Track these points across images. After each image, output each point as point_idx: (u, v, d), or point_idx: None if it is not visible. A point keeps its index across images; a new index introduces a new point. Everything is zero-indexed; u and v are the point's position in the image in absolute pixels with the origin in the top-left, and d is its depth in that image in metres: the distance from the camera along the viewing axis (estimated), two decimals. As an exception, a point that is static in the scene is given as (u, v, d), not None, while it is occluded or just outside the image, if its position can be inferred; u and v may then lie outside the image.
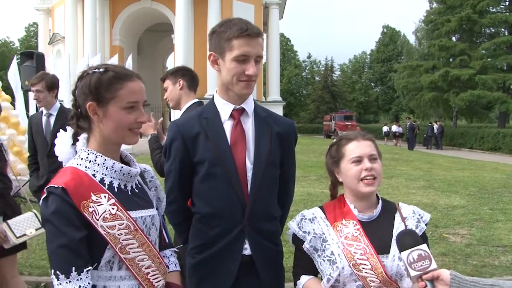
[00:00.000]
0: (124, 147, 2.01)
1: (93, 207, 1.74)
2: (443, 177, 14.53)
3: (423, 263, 1.78)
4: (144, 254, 1.84)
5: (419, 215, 2.27)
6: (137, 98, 1.83)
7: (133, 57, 20.44)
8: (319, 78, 73.91)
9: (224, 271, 2.33)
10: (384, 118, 72.11)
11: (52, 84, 4.82)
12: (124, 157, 2.00)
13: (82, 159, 1.84)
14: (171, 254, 2.15)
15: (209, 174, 2.32)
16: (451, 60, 39.29)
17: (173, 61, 33.46)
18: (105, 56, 26.96)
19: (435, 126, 34.72)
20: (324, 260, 2.16)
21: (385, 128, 41.14)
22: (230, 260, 2.33)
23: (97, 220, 1.73)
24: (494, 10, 38.06)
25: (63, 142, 1.92)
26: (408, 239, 1.86)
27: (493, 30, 39.26)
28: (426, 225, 2.24)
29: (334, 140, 2.39)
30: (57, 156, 1.94)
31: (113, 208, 1.77)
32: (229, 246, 2.32)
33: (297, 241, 2.29)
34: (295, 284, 2.30)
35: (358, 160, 2.20)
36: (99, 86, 1.80)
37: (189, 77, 4.01)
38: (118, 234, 1.76)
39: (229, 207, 2.31)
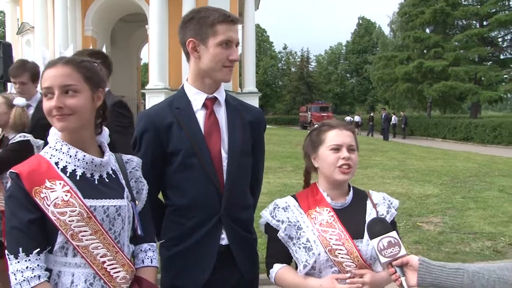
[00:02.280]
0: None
1: (45, 193, 1.77)
2: (417, 167, 14.78)
3: (392, 249, 1.83)
4: (98, 242, 1.83)
5: (389, 201, 2.32)
6: (47, 83, 1.82)
7: (106, 48, 20.07)
8: (295, 69, 73.97)
9: (202, 262, 2.32)
10: (360, 109, 72.79)
11: (36, 74, 4.46)
12: (103, 147, 2.02)
13: (50, 147, 1.91)
14: (149, 249, 2.10)
15: (184, 165, 2.29)
16: (425, 51, 39.83)
17: (147, 53, 33.09)
18: (77, 47, 26.51)
19: (394, 116, 35.92)
20: (299, 248, 2.17)
21: (347, 118, 42.53)
22: (207, 250, 2.31)
23: (48, 205, 1.77)
24: (466, 2, 38.73)
25: (50, 136, 1.96)
26: (378, 227, 1.91)
27: (465, 23, 39.95)
28: (395, 210, 2.30)
29: (316, 125, 2.40)
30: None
31: (66, 195, 1.79)
32: (206, 236, 2.31)
33: (270, 230, 2.29)
34: (268, 273, 2.30)
35: (337, 148, 2.22)
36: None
37: (108, 64, 3.72)
38: (69, 221, 1.77)
39: (206, 197, 2.30)
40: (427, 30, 40.61)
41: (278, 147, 19.53)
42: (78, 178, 1.85)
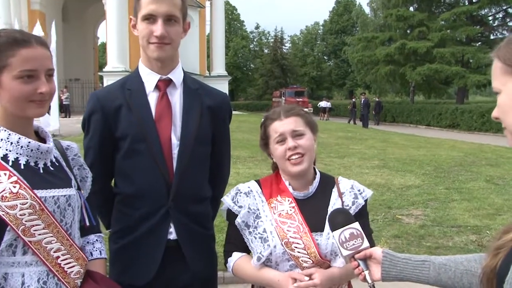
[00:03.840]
0: (51, 128, 1.99)
1: None
2: (398, 156, 14.98)
3: (355, 242, 1.85)
4: (52, 236, 1.81)
5: (358, 190, 2.32)
6: (32, 66, 1.77)
7: (57, 25, 19.61)
8: (268, 50, 74.20)
9: (148, 257, 2.33)
10: (338, 94, 73.33)
11: None
12: (40, 132, 1.98)
13: None
14: (96, 240, 2.12)
15: (131, 151, 2.31)
16: (408, 31, 40.13)
17: (105, 30, 32.54)
18: (22, 22, 25.79)
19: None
20: (255, 238, 2.20)
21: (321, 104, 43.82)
22: (153, 245, 2.32)
23: None
24: (454, -24, 39.02)
25: None
26: (340, 218, 1.93)
27: (452, 0, 40.28)
28: (365, 201, 2.31)
29: (262, 119, 2.40)
30: None
31: (14, 187, 1.74)
32: (152, 230, 2.32)
33: (231, 216, 2.31)
34: (225, 262, 2.33)
35: (282, 140, 2.24)
36: None
37: None
38: (20, 215, 1.73)
39: (153, 186, 2.31)
40: (411, 9, 40.85)
41: (249, 135, 19.50)
42: (22, 167, 1.81)
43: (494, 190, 9.81)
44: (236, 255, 2.28)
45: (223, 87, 32.68)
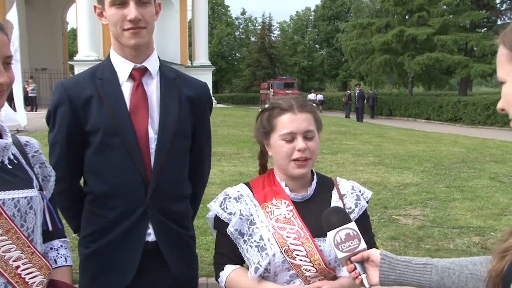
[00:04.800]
0: (14, 123, 1.95)
1: None
2: (395, 152, 15.04)
3: (351, 243, 1.85)
4: (11, 243, 1.74)
5: (359, 191, 2.31)
6: None
7: (19, 8, 19.38)
8: (255, 38, 74.35)
9: (124, 262, 2.31)
10: (330, 86, 73.51)
11: None
12: None
13: None
14: (61, 246, 2.06)
15: (104, 146, 2.30)
16: (407, 17, 40.09)
17: (75, 15, 32.28)
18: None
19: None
20: (251, 247, 2.15)
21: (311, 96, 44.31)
22: (130, 248, 2.31)
23: None
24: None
25: None
26: (335, 218, 1.91)
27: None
28: (367, 202, 2.29)
29: (267, 105, 2.32)
30: None
31: None
32: (129, 231, 2.31)
33: (220, 225, 2.25)
34: (217, 276, 2.27)
35: (291, 137, 2.18)
36: None
37: None
38: None
39: (129, 184, 2.30)
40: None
41: (234, 129, 19.53)
42: None
43: (499, 188, 9.86)
44: (228, 268, 2.22)
45: (207, 78, 32.58)
